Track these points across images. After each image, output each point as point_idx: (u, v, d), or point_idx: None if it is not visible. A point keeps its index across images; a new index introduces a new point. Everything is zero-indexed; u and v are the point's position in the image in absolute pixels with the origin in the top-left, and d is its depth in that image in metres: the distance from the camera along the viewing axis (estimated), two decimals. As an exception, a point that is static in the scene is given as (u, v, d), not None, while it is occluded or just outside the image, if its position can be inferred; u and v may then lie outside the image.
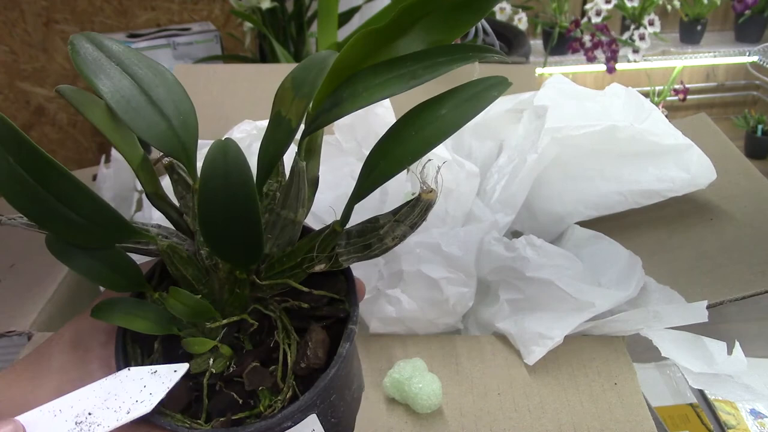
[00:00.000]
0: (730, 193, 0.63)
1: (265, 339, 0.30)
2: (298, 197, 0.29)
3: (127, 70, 0.29)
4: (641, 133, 0.58)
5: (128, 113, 0.28)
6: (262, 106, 0.83)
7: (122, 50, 0.30)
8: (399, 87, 0.26)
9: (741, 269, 0.55)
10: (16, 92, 1.43)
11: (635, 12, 1.60)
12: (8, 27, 1.36)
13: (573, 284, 0.50)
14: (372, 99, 0.26)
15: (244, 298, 0.30)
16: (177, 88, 0.30)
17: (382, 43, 0.28)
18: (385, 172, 0.27)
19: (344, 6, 1.14)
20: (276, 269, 0.30)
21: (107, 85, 0.28)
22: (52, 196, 0.26)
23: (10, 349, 0.53)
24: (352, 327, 0.29)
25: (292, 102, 0.28)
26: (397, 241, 0.29)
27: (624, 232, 0.61)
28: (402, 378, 0.47)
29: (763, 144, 1.76)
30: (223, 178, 0.24)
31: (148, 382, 0.27)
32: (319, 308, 0.31)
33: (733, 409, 0.57)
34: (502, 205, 0.60)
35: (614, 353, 0.50)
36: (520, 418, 0.46)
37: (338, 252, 0.30)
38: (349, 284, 0.31)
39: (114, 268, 0.30)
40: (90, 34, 0.30)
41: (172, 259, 0.30)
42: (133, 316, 0.29)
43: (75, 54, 0.29)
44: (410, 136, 0.27)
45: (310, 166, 0.31)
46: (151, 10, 1.40)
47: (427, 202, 0.28)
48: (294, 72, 0.29)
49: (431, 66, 0.27)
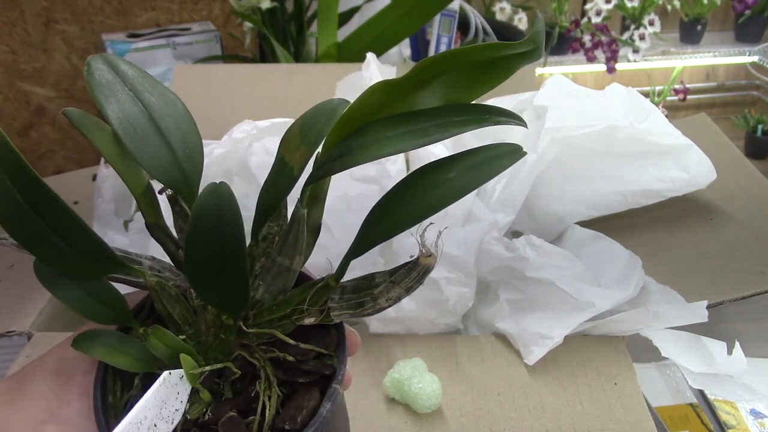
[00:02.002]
0: (730, 193, 0.63)
1: (247, 387, 0.29)
2: (295, 245, 0.28)
3: (139, 97, 0.29)
4: (641, 133, 0.58)
5: (134, 141, 0.28)
6: (262, 106, 0.83)
7: (137, 75, 0.30)
8: (409, 144, 0.26)
9: (741, 269, 0.55)
10: (16, 92, 1.43)
11: (635, 12, 1.60)
12: (8, 27, 1.36)
13: (573, 284, 0.50)
14: (381, 153, 0.26)
15: (229, 344, 0.29)
16: (187, 120, 0.30)
17: (399, 95, 0.28)
18: (386, 231, 0.26)
19: (344, 6, 1.14)
20: (265, 317, 0.29)
21: (116, 111, 0.28)
22: (44, 223, 0.25)
23: (10, 349, 0.53)
24: (335, 386, 0.28)
25: (297, 149, 0.28)
26: (391, 303, 0.28)
27: (624, 232, 0.61)
28: (402, 378, 0.47)
29: (763, 144, 1.76)
30: (214, 221, 0.24)
31: (180, 388, 0.27)
32: (306, 362, 0.29)
33: (733, 409, 0.57)
34: (502, 205, 0.60)
35: (614, 353, 0.50)
36: (519, 418, 0.46)
37: (330, 306, 0.29)
38: (339, 338, 0.30)
39: (100, 300, 0.29)
40: (108, 56, 0.30)
41: (160, 297, 0.29)
42: (115, 350, 0.28)
43: (90, 76, 0.29)
44: (415, 197, 0.26)
45: (313, 213, 0.30)
46: (151, 10, 1.40)
47: (425, 266, 0.27)
48: (303, 117, 0.28)
49: (444, 125, 0.26)
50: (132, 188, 0.29)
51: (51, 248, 0.26)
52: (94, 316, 0.29)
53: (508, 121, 0.28)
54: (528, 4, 1.64)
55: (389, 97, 0.28)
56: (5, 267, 0.60)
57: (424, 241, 0.27)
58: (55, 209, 0.25)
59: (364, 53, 0.66)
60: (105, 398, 0.29)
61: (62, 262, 0.27)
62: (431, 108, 0.28)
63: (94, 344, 0.28)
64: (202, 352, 0.29)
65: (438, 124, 0.27)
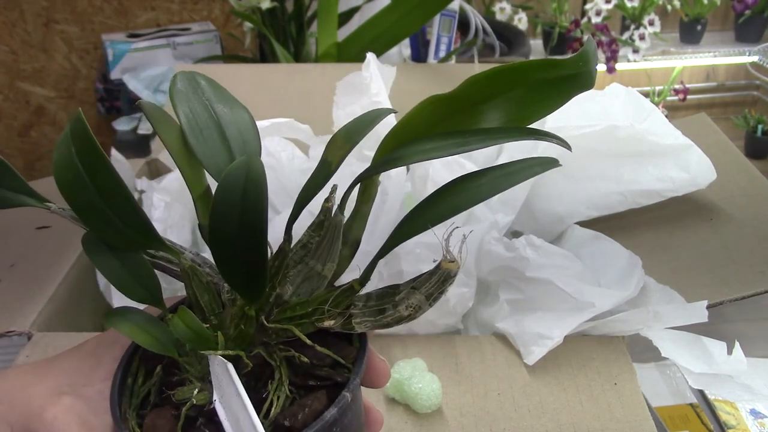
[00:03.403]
0: (730, 193, 0.63)
1: (260, 387, 0.29)
2: (329, 250, 0.29)
3: (211, 105, 0.32)
4: (641, 133, 0.58)
5: (197, 139, 0.30)
6: (262, 106, 0.83)
7: (211, 86, 0.33)
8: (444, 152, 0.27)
9: (741, 269, 0.55)
10: (16, 92, 1.43)
11: (635, 12, 1.60)
12: (8, 27, 1.36)
13: (573, 284, 0.50)
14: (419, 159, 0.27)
15: (248, 337, 0.29)
16: (251, 130, 0.32)
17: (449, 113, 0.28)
18: (409, 232, 0.27)
19: (344, 6, 1.14)
20: (287, 314, 0.30)
21: (186, 112, 0.30)
22: (97, 193, 0.27)
23: (10, 349, 0.53)
24: (345, 394, 0.27)
25: (340, 149, 0.29)
26: (412, 311, 0.27)
27: (624, 232, 0.61)
28: (402, 378, 0.47)
29: (763, 144, 1.76)
30: (240, 193, 0.24)
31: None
32: (321, 368, 0.29)
33: (733, 409, 0.57)
34: (502, 205, 0.60)
35: (614, 353, 0.50)
36: (520, 418, 0.46)
37: (353, 312, 0.28)
38: (360, 351, 0.30)
39: (135, 276, 0.30)
40: (191, 73, 0.33)
41: (191, 281, 0.29)
42: (140, 328, 0.29)
43: (173, 85, 0.31)
44: (445, 200, 0.27)
45: (354, 228, 0.31)
46: (151, 10, 1.40)
47: (446, 271, 0.26)
48: (347, 125, 0.30)
49: (484, 138, 0.27)
50: (192, 189, 0.31)
51: (99, 216, 0.28)
52: (126, 290, 0.30)
53: (547, 139, 0.28)
54: (528, 4, 1.64)
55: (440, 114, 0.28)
56: (5, 267, 0.60)
57: (448, 247, 0.26)
58: (109, 181, 0.27)
59: (364, 53, 0.66)
60: (124, 380, 0.30)
61: (107, 230, 0.28)
62: (482, 129, 0.28)
63: (123, 319, 0.29)
64: (224, 343, 0.29)
65: (478, 136, 0.27)
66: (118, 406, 0.28)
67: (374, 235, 0.56)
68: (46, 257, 0.61)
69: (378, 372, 0.31)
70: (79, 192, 0.27)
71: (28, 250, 0.63)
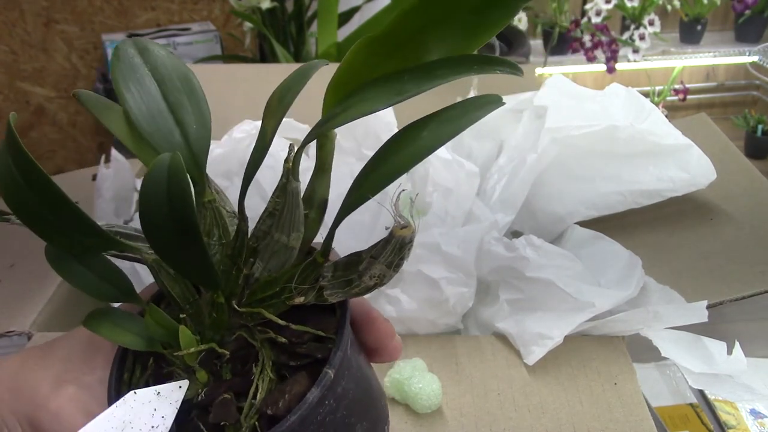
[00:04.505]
0: (730, 193, 0.63)
1: (248, 369, 0.28)
2: (291, 220, 0.27)
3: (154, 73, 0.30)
4: (641, 133, 0.58)
5: (150, 126, 0.29)
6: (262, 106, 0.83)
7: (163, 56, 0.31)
8: (385, 102, 0.24)
9: (741, 269, 0.55)
10: (16, 92, 1.43)
11: (635, 12, 1.60)
12: (8, 27, 1.36)
13: (573, 284, 0.50)
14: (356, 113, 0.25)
15: (222, 323, 0.29)
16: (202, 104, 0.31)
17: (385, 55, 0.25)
18: (359, 196, 0.26)
19: (344, 6, 1.14)
20: (257, 296, 0.29)
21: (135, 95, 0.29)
22: (42, 205, 0.26)
23: (10, 349, 0.53)
24: (327, 371, 0.26)
25: (274, 115, 0.27)
26: (376, 281, 0.26)
27: (624, 232, 0.61)
28: (402, 378, 0.47)
29: (763, 144, 1.76)
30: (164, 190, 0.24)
31: (157, 404, 0.26)
32: (300, 345, 0.28)
33: (733, 409, 0.57)
34: (502, 205, 0.60)
35: (614, 353, 0.50)
36: (520, 418, 0.46)
37: (323, 285, 0.27)
38: (340, 320, 0.28)
39: (102, 277, 0.29)
40: (139, 40, 0.31)
41: (159, 275, 0.29)
42: (120, 328, 0.29)
43: (116, 59, 0.30)
44: (387, 159, 0.25)
45: (318, 188, 0.29)
46: (151, 10, 1.40)
47: (400, 238, 0.24)
48: (281, 84, 0.28)
49: (422, 78, 0.24)
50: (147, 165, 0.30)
51: (47, 225, 0.26)
52: (97, 294, 0.29)
53: (497, 69, 0.24)
54: (528, 4, 1.64)
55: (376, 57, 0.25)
56: (5, 267, 0.60)
57: (399, 212, 0.24)
58: (45, 187, 0.26)
59: (364, 53, 0.66)
60: (120, 375, 0.29)
61: (59, 239, 0.27)
62: (420, 65, 0.25)
63: (102, 321, 0.29)
64: (200, 332, 0.29)
65: (415, 78, 0.24)
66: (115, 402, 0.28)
67: (374, 237, 0.56)
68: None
69: (390, 349, 0.30)
70: (25, 206, 0.26)
71: (28, 250, 0.63)
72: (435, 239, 0.52)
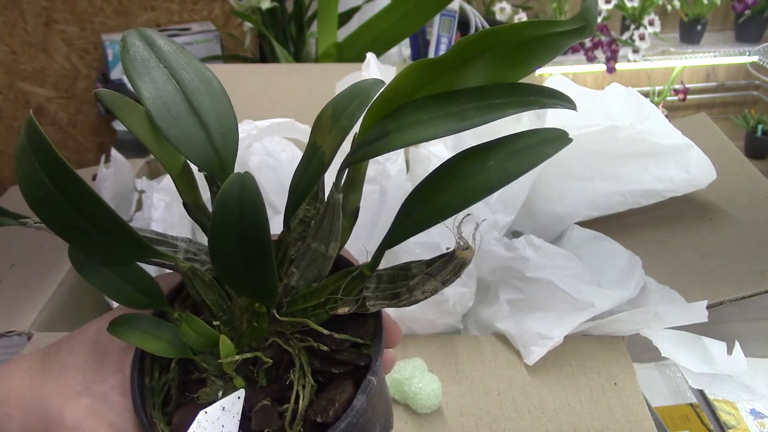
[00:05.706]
0: (730, 193, 0.63)
1: (282, 375, 0.29)
2: (330, 230, 0.28)
3: (174, 75, 0.28)
4: (641, 133, 0.58)
5: (167, 122, 0.27)
6: (262, 106, 0.83)
7: (173, 50, 0.29)
8: (444, 129, 0.24)
9: (741, 269, 0.55)
10: (16, 92, 1.43)
11: (635, 12, 1.60)
12: (8, 27, 1.36)
13: (573, 284, 0.50)
14: (417, 137, 0.24)
15: (262, 332, 0.29)
16: (223, 98, 0.29)
17: (437, 74, 0.26)
18: (419, 222, 0.25)
19: (344, 6, 1.14)
20: (299, 305, 0.29)
21: (150, 90, 0.27)
22: (72, 208, 0.25)
23: (10, 349, 0.53)
24: (371, 378, 0.27)
25: (329, 133, 0.27)
26: (427, 295, 0.27)
27: (624, 232, 0.61)
28: (402, 378, 0.47)
29: (763, 144, 1.76)
30: (237, 211, 0.23)
31: (223, 419, 0.26)
32: (341, 352, 0.29)
33: (733, 409, 0.57)
34: (502, 205, 0.60)
35: (614, 353, 0.50)
36: (520, 418, 0.46)
37: (366, 296, 0.28)
38: (376, 327, 0.29)
39: (133, 285, 0.29)
40: (144, 30, 0.29)
41: (193, 283, 0.29)
42: (150, 335, 0.28)
43: (125, 52, 0.28)
44: (450, 186, 0.25)
45: (350, 198, 0.29)
46: (151, 10, 1.40)
47: (461, 260, 0.25)
48: (336, 99, 0.27)
49: (483, 108, 0.24)
50: (168, 168, 0.29)
51: (80, 233, 0.25)
52: (127, 301, 0.29)
53: (557, 103, 0.25)
54: (528, 5, 1.64)
55: (428, 76, 0.26)
56: (5, 267, 0.60)
57: (460, 234, 0.25)
58: (82, 194, 0.24)
59: (364, 53, 0.66)
60: (142, 380, 0.29)
61: (91, 247, 0.26)
62: (471, 88, 0.25)
63: (129, 329, 0.28)
64: (235, 339, 0.29)
65: (477, 106, 0.24)
66: (143, 410, 0.28)
67: (374, 237, 0.56)
68: (46, 257, 0.61)
69: (393, 335, 0.31)
70: (54, 212, 0.25)
71: (28, 250, 0.63)
72: (435, 239, 0.52)
